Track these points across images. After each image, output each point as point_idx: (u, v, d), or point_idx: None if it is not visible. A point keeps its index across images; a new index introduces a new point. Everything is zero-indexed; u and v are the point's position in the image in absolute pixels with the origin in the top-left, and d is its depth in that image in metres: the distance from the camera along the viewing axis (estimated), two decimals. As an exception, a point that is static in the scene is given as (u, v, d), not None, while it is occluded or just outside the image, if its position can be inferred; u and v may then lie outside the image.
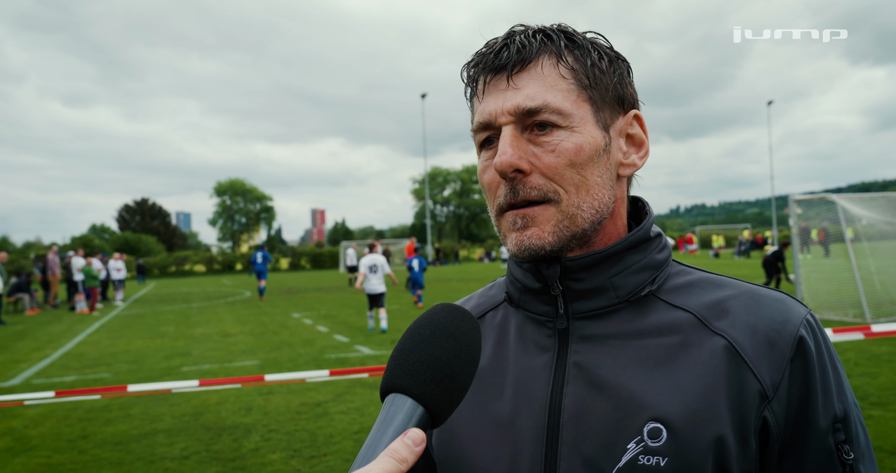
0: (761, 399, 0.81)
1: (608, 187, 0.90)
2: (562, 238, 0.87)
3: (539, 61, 0.88)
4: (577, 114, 0.87)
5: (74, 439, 6.50)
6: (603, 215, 0.89)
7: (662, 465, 0.80)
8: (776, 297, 0.87)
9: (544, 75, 0.87)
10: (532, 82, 0.87)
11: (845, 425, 0.83)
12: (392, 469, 0.60)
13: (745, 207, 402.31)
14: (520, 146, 0.86)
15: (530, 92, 0.86)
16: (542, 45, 0.89)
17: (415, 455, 0.63)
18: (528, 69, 0.88)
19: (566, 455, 0.85)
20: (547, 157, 0.86)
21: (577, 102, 0.87)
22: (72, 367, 10.76)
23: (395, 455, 0.62)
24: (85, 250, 26.47)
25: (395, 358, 0.72)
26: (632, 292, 0.90)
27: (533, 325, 0.96)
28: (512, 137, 0.86)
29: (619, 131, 0.92)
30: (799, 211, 14.01)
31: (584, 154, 0.86)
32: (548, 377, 0.91)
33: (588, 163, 0.87)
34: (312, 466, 5.43)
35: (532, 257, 0.88)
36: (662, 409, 0.82)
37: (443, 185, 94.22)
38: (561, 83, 0.87)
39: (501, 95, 0.88)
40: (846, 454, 0.82)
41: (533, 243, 0.87)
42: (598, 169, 0.88)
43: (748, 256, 41.93)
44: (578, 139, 0.86)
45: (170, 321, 17.45)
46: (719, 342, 0.84)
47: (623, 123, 0.93)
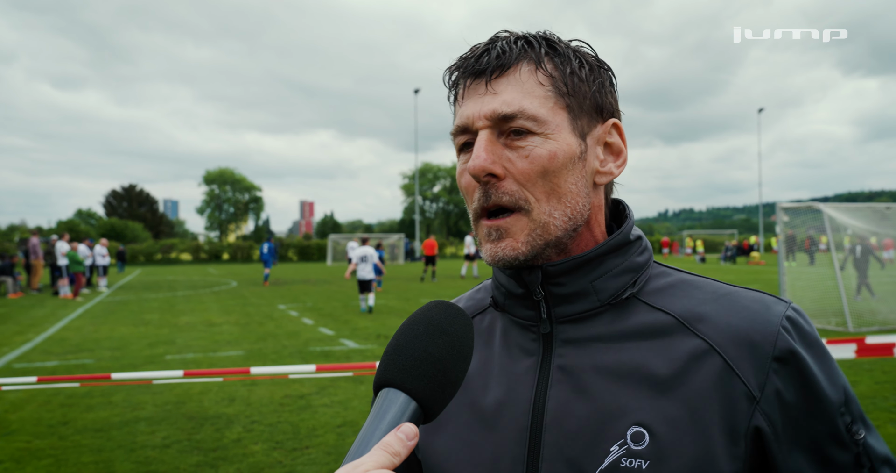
0: (749, 401, 0.81)
1: (583, 195, 0.90)
2: (535, 247, 0.88)
3: (518, 67, 0.88)
4: (553, 121, 0.87)
5: (55, 424, 6.47)
6: (577, 222, 0.90)
7: (644, 468, 0.80)
8: (754, 297, 0.88)
9: (522, 81, 0.88)
10: (510, 88, 0.87)
11: (848, 407, 0.85)
12: (385, 462, 0.61)
13: (732, 213, 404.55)
14: (494, 151, 0.87)
15: (507, 98, 0.87)
16: (523, 51, 0.89)
17: (407, 449, 0.64)
18: (506, 75, 0.88)
19: (548, 457, 0.86)
20: (521, 162, 0.87)
21: (554, 110, 0.88)
22: (54, 352, 10.69)
23: (388, 448, 0.63)
24: (71, 235, 26.25)
25: (388, 353, 0.73)
26: (613, 296, 0.91)
27: (517, 329, 0.97)
28: (487, 142, 0.87)
29: (596, 140, 0.93)
30: (786, 219, 14.11)
31: (558, 161, 0.87)
32: (532, 381, 0.92)
33: (561, 170, 0.87)
34: (294, 458, 5.43)
35: (507, 267, 0.90)
36: (645, 413, 0.83)
37: (433, 181, 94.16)
38: (538, 90, 0.88)
39: (480, 99, 0.89)
40: (856, 434, 0.84)
41: (507, 254, 0.88)
42: (573, 176, 0.89)
43: (734, 261, 42.20)
44: (552, 146, 0.87)
45: (154, 309, 17.36)
46: (701, 345, 0.85)
47: (601, 131, 0.93)
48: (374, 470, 0.60)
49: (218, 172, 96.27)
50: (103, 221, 78.96)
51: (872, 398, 6.95)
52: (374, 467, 0.60)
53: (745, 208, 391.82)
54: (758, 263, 39.53)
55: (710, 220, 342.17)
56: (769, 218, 73.70)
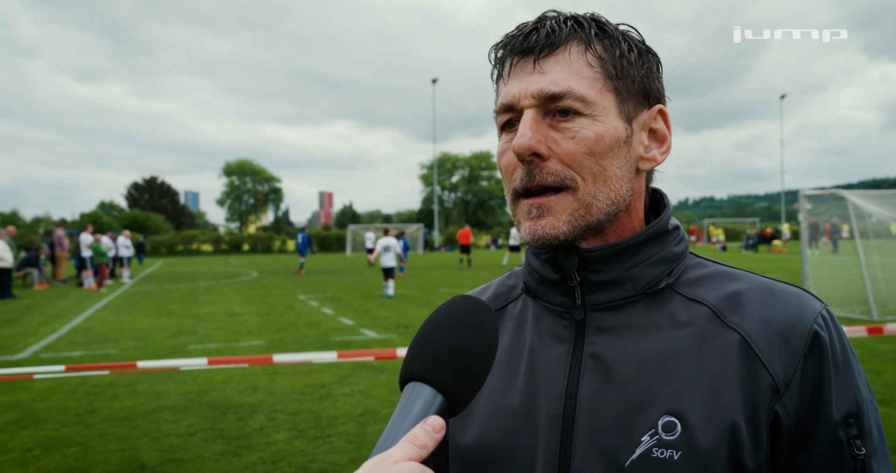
0: (773, 394, 0.81)
1: (626, 180, 0.89)
2: (576, 228, 0.87)
3: (567, 47, 0.87)
4: (601, 103, 0.86)
5: (81, 413, 6.58)
6: (619, 206, 0.89)
7: (676, 458, 0.80)
8: (792, 292, 0.87)
9: (571, 62, 0.86)
10: (558, 68, 0.86)
11: (858, 420, 0.83)
12: (412, 455, 0.62)
13: (754, 200, 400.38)
14: (540, 130, 0.86)
15: (555, 77, 0.85)
16: (573, 31, 0.88)
17: (434, 442, 0.64)
18: (555, 54, 0.87)
19: (581, 446, 0.86)
20: (566, 143, 0.85)
21: (602, 92, 0.87)
22: (79, 342, 10.85)
23: (415, 440, 0.63)
24: (94, 227, 26.59)
25: (413, 348, 0.74)
26: (649, 285, 0.90)
27: (550, 315, 0.96)
28: (533, 121, 0.86)
29: (642, 125, 0.92)
30: (809, 206, 13.94)
31: (604, 144, 0.86)
32: (564, 368, 0.91)
33: (607, 153, 0.86)
34: (316, 447, 5.48)
35: (545, 246, 0.88)
36: (677, 403, 0.82)
37: (451, 171, 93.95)
38: (587, 71, 0.86)
39: (527, 78, 0.87)
40: (857, 449, 0.82)
41: (547, 232, 0.87)
42: (618, 160, 0.88)
43: (756, 250, 41.76)
44: (599, 128, 0.85)
45: (177, 300, 17.55)
46: (733, 336, 0.84)
47: (647, 116, 0.92)
48: (402, 462, 0.60)
49: (238, 164, 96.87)
50: (125, 213, 79.80)
51: (897, 388, 6.87)
52: (402, 459, 0.61)
53: (766, 196, 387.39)
54: (780, 251, 39.09)
55: (731, 208, 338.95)
56: (791, 206, 72.83)
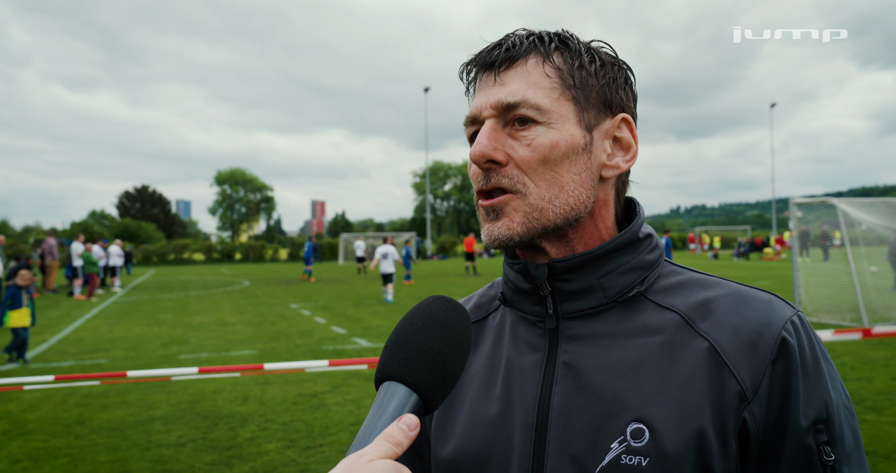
0: (741, 401, 0.81)
1: (586, 187, 0.91)
2: (531, 229, 0.89)
3: (526, 60, 0.91)
4: (557, 111, 0.89)
5: (71, 424, 6.53)
6: (579, 212, 0.90)
7: (644, 465, 0.81)
8: (763, 298, 0.88)
9: (529, 73, 0.90)
10: (516, 79, 0.90)
11: (828, 426, 0.83)
12: (387, 452, 0.63)
13: (745, 208, 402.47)
14: (497, 138, 0.89)
15: (512, 88, 0.89)
16: (532, 45, 0.92)
17: (409, 439, 0.66)
18: (514, 67, 0.91)
19: (553, 453, 0.87)
20: (522, 150, 0.88)
21: (559, 101, 0.89)
22: (69, 352, 10.79)
23: (390, 438, 0.65)
24: (85, 236, 26.45)
25: (388, 348, 0.76)
26: (620, 293, 0.91)
27: (525, 325, 0.98)
28: (491, 130, 0.89)
29: (604, 133, 0.93)
30: (799, 214, 14.02)
31: (559, 151, 0.88)
32: (538, 376, 0.92)
33: (563, 160, 0.89)
34: (308, 456, 5.46)
35: (502, 247, 0.91)
36: (645, 410, 0.83)
37: (444, 179, 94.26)
38: (544, 81, 0.89)
39: (488, 90, 0.92)
40: (826, 455, 0.82)
41: (502, 233, 0.89)
42: (575, 167, 0.89)
43: (747, 257, 41.96)
44: (555, 136, 0.88)
45: (168, 309, 17.48)
46: (702, 344, 0.85)
47: (610, 125, 0.94)
48: (378, 460, 0.62)
49: (229, 173, 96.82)
50: (117, 222, 79.55)
51: (889, 394, 6.90)
52: (378, 456, 0.62)
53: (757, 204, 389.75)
54: (771, 259, 39.29)
55: (723, 216, 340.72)
56: (782, 214, 73.27)
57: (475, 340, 1.05)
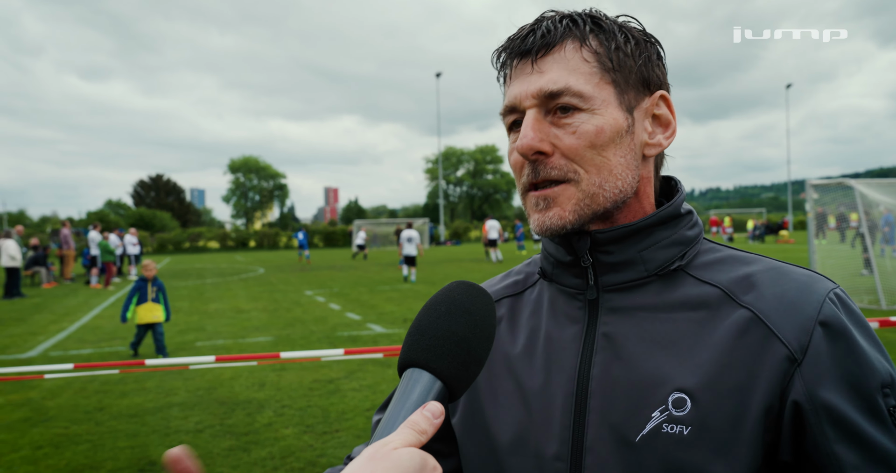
0: (790, 363, 0.80)
1: (632, 168, 0.91)
2: (583, 216, 0.89)
3: (563, 46, 0.90)
4: (599, 96, 0.88)
5: (91, 410, 6.62)
6: (626, 194, 0.91)
7: (686, 433, 0.81)
8: (804, 272, 0.88)
9: (567, 59, 0.89)
10: (555, 66, 0.89)
11: (894, 388, 0.81)
12: (412, 440, 0.63)
13: (760, 191, 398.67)
14: (541, 129, 0.89)
15: (553, 76, 0.88)
16: (567, 29, 0.90)
17: (434, 427, 0.65)
18: (552, 53, 0.90)
19: (593, 423, 0.87)
20: (568, 138, 0.88)
21: (600, 85, 0.89)
22: (88, 340, 10.92)
23: (414, 426, 0.64)
24: (101, 225, 26.65)
25: (412, 334, 0.74)
26: (661, 267, 0.92)
27: (564, 297, 0.99)
28: (534, 121, 0.89)
29: (644, 112, 0.93)
30: (815, 196, 13.88)
31: (605, 136, 0.88)
32: (577, 348, 0.93)
33: (609, 144, 0.88)
34: (325, 441, 5.50)
35: (553, 236, 0.91)
36: (687, 380, 0.83)
37: (456, 165, 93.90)
38: (584, 67, 0.89)
39: (526, 79, 0.90)
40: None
41: (553, 223, 0.89)
42: (621, 150, 0.90)
43: (762, 240, 41.65)
44: (599, 121, 0.87)
45: (184, 297, 17.62)
46: (745, 314, 0.84)
47: (649, 103, 0.94)
48: (402, 448, 0.61)
49: (242, 161, 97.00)
50: (132, 211, 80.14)
51: (906, 377, 6.85)
52: (402, 444, 0.61)
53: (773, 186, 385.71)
54: (787, 241, 38.97)
55: (738, 199, 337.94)
56: (798, 196, 72.55)
57: (511, 314, 1.06)
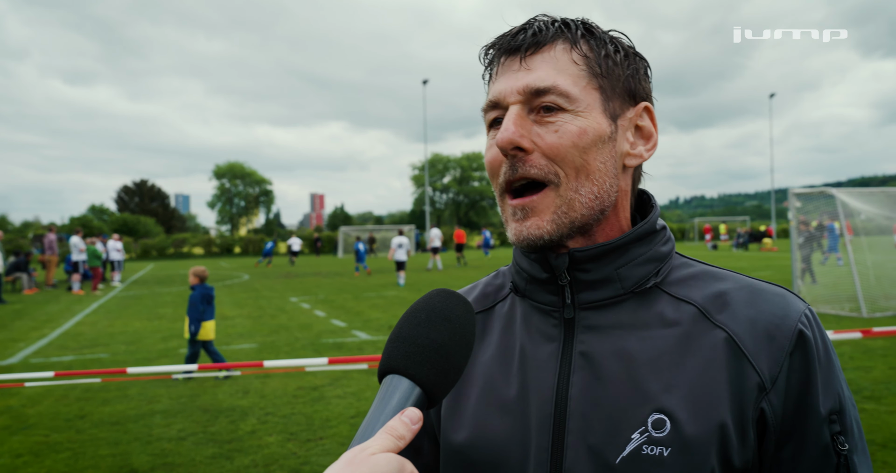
0: (759, 391, 0.82)
1: (610, 175, 0.90)
2: (561, 226, 0.88)
3: (553, 46, 0.90)
4: (585, 99, 0.88)
5: (72, 418, 6.54)
6: (604, 203, 0.90)
7: (665, 455, 0.81)
8: (776, 291, 0.89)
9: (557, 59, 0.89)
10: (544, 65, 0.88)
11: (840, 417, 0.85)
12: (390, 446, 0.63)
13: (744, 199, 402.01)
14: (523, 125, 0.88)
15: (541, 74, 0.88)
16: (559, 31, 0.91)
17: (411, 433, 0.66)
18: (541, 52, 0.89)
19: (572, 444, 0.87)
20: (550, 136, 0.87)
21: (587, 89, 0.89)
22: (70, 347, 10.79)
23: (392, 432, 0.65)
24: (84, 230, 26.36)
25: (392, 341, 0.75)
26: (637, 284, 0.92)
27: (539, 315, 0.97)
28: (517, 116, 0.88)
29: (628, 122, 0.93)
30: (798, 204, 14.01)
31: (588, 138, 0.87)
32: (554, 367, 0.92)
33: (591, 147, 0.88)
34: (308, 449, 5.47)
35: (531, 247, 0.90)
36: (666, 400, 0.83)
37: (443, 172, 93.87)
38: (572, 68, 0.88)
39: (513, 75, 0.90)
40: (841, 445, 0.84)
41: (532, 232, 0.88)
42: (602, 155, 0.89)
43: (746, 248, 41.95)
44: (583, 123, 0.87)
45: (168, 303, 17.47)
46: (720, 334, 0.85)
47: (633, 114, 0.94)
48: (380, 453, 0.61)
49: (228, 167, 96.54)
50: (115, 216, 79.34)
51: (887, 383, 6.92)
52: (380, 450, 0.62)
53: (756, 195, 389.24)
54: (770, 249, 39.28)
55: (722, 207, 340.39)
56: (781, 204, 73.21)
57: (482, 329, 1.04)
